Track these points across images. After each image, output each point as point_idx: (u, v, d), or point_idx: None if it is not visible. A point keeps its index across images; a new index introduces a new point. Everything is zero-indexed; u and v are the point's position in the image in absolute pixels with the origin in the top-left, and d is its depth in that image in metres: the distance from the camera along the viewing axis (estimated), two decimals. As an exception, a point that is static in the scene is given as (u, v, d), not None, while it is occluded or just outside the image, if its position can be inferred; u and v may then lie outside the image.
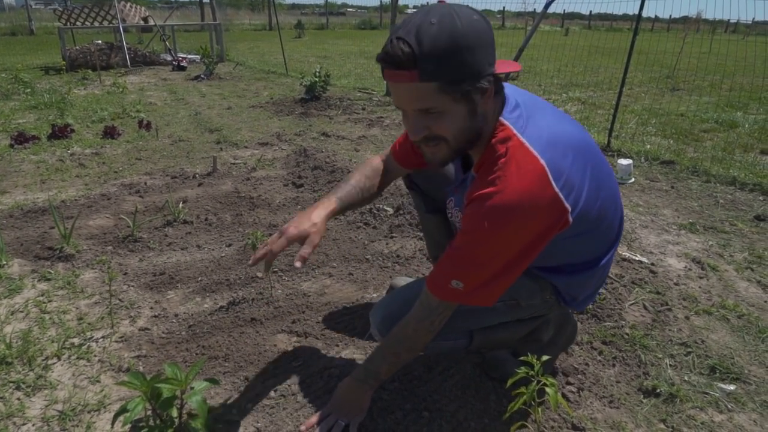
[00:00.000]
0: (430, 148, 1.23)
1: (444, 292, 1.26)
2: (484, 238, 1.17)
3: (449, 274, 1.23)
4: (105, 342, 1.81)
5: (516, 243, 1.18)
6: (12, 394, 1.58)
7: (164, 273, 2.25)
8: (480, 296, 1.24)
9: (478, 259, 1.20)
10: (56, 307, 2.03)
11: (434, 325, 1.33)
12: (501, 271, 1.20)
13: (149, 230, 2.69)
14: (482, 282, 1.22)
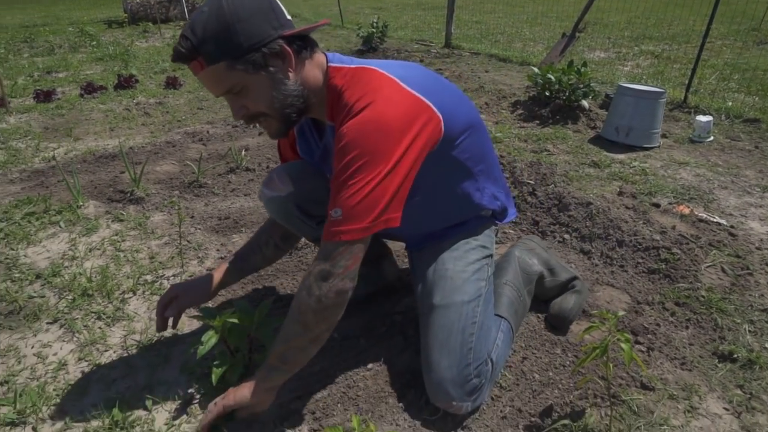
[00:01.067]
0: (261, 126, 1.27)
1: (327, 229, 1.15)
2: (352, 154, 1.11)
3: (329, 208, 1.15)
4: (176, 280, 1.88)
5: (387, 150, 1.12)
6: (94, 323, 1.67)
7: (229, 217, 2.31)
8: (358, 215, 1.12)
9: (351, 177, 1.11)
10: (129, 246, 2.12)
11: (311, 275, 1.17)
12: (377, 182, 1.12)
13: (213, 176, 2.75)
14: (359, 199, 1.11)
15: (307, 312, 1.16)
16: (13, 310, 1.75)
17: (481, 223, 1.51)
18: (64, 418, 1.34)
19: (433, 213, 1.43)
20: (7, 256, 2.06)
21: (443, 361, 1.32)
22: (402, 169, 1.15)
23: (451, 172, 1.37)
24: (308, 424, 1.32)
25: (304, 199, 1.48)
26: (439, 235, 1.48)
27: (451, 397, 1.30)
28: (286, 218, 1.51)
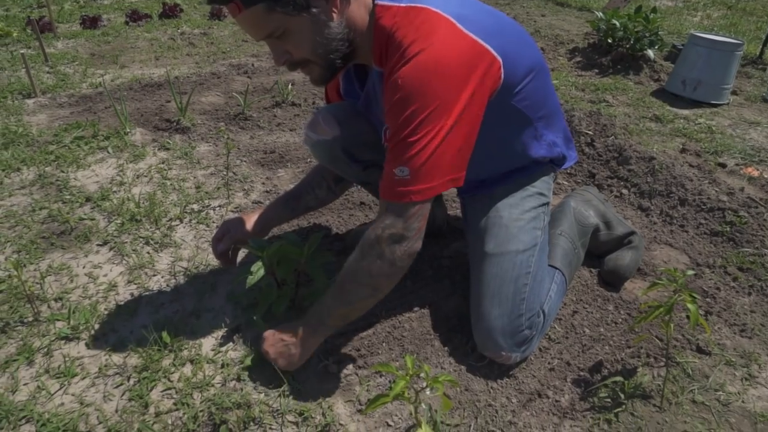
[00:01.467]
0: (303, 72, 1.19)
1: (392, 189, 1.09)
2: (411, 108, 1.03)
3: (391, 166, 1.08)
4: (221, 211, 1.88)
5: (448, 101, 1.04)
6: (142, 248, 1.69)
7: (274, 152, 2.27)
8: (427, 174, 1.07)
9: (414, 132, 1.04)
10: (176, 174, 2.11)
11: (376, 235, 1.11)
12: (443, 138, 1.05)
13: (258, 110, 2.70)
14: (426, 157, 1.05)
15: (380, 276, 1.13)
16: (64, 230, 1.78)
17: (538, 170, 1.42)
18: (115, 336, 1.37)
19: (487, 162, 1.36)
20: (57, 178, 2.08)
21: (494, 311, 1.28)
22: (466, 122, 1.08)
23: (508, 121, 1.28)
24: (353, 362, 1.31)
25: (351, 143, 1.42)
26: (494, 182, 1.40)
27: (501, 347, 1.27)
28: (333, 162, 1.46)
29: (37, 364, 1.30)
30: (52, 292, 1.51)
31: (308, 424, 1.16)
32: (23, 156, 2.25)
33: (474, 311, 1.32)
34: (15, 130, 2.49)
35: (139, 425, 1.14)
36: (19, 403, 1.19)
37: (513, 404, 1.24)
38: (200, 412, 1.17)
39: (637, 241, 1.65)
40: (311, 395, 1.22)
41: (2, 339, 1.36)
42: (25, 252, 1.67)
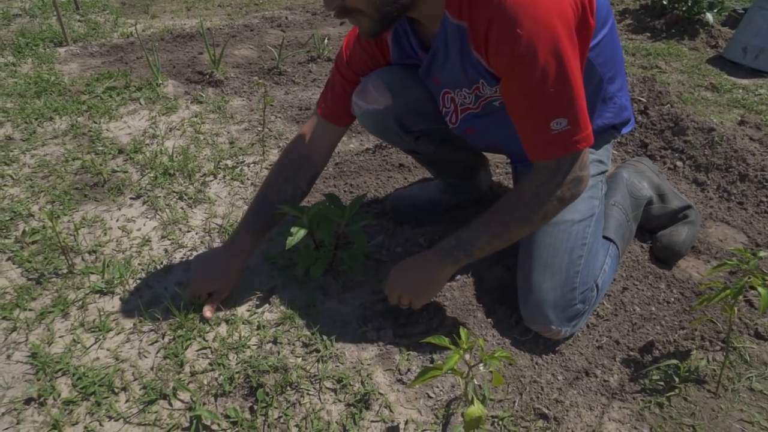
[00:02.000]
0: (351, 22, 1.10)
1: (557, 143, 1.04)
2: (543, 56, 0.95)
3: (542, 122, 1.02)
4: (256, 167, 1.82)
5: (569, 35, 0.98)
6: (176, 203, 1.65)
7: (309, 108, 2.19)
8: (583, 118, 1.03)
9: (558, 80, 0.98)
10: (209, 129, 2.05)
11: (559, 190, 1.09)
12: (577, 77, 1.01)
13: (293, 65, 2.61)
14: (577, 101, 1.01)
15: (552, 216, 1.13)
16: (97, 182, 1.74)
17: (598, 135, 1.31)
18: (149, 292, 1.34)
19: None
20: (90, 129, 2.05)
21: (546, 283, 1.20)
22: (577, 65, 1.00)
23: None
24: (392, 329, 1.26)
25: (404, 113, 1.30)
26: None
27: (550, 320, 1.20)
28: (382, 132, 1.37)
29: (72, 317, 1.28)
30: (86, 244, 1.49)
31: (347, 392, 1.12)
32: (56, 105, 2.21)
33: (523, 283, 1.25)
34: (47, 79, 2.46)
35: (175, 384, 1.12)
36: (55, 356, 1.18)
37: (559, 381, 1.18)
38: (236, 373, 1.14)
39: (694, 216, 1.55)
40: (349, 362, 1.18)
41: (37, 290, 1.34)
42: (58, 203, 1.64)
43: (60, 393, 1.11)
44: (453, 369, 0.85)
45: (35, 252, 1.45)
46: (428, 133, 1.39)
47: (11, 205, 1.63)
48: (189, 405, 1.09)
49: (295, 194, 1.33)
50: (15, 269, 1.41)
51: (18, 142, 1.97)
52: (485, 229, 1.14)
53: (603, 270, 1.30)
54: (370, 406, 1.10)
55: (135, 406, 1.09)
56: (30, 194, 1.68)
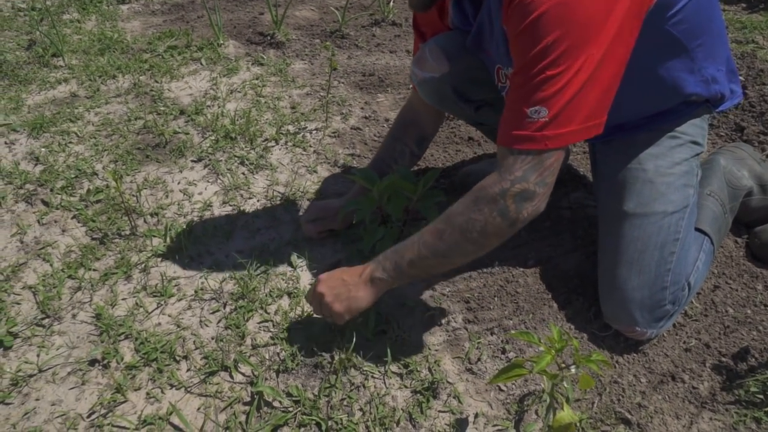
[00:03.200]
0: None
1: (523, 132, 0.87)
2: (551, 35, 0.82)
3: (522, 105, 0.87)
4: (319, 134, 1.75)
5: (597, 26, 0.82)
6: (237, 167, 1.61)
7: (373, 74, 2.10)
8: (570, 116, 0.86)
9: (555, 64, 0.83)
10: (270, 92, 1.99)
11: (503, 199, 0.90)
12: (591, 72, 0.84)
13: (356, 28, 2.51)
14: (571, 95, 0.84)
15: (494, 235, 0.93)
16: (159, 143, 1.72)
17: (691, 111, 1.16)
18: (210, 258, 1.31)
19: (628, 101, 1.13)
20: (152, 88, 2.02)
21: (633, 280, 1.09)
22: (616, 53, 0.86)
23: (659, 49, 1.03)
24: (462, 314, 1.19)
25: (462, 81, 1.22)
26: (635, 126, 1.17)
27: (635, 321, 1.10)
28: (441, 102, 1.28)
29: (135, 279, 1.26)
30: (148, 206, 1.47)
31: (413, 378, 1.06)
32: (119, 63, 2.20)
33: (605, 278, 1.15)
34: (110, 36, 2.45)
35: (236, 356, 1.08)
36: (118, 318, 1.17)
37: (642, 384, 1.08)
38: (299, 349, 1.10)
39: (798, 211, 1.39)
40: (416, 347, 1.12)
41: (101, 250, 1.33)
42: (121, 162, 1.63)
43: (123, 357, 1.09)
44: (544, 371, 0.76)
45: (99, 211, 1.44)
46: (491, 103, 1.29)
47: (76, 163, 1.62)
48: (250, 379, 1.06)
49: (403, 152, 1.35)
50: (80, 228, 1.41)
51: (82, 99, 1.97)
52: (420, 238, 0.98)
53: (696, 267, 1.18)
54: (438, 395, 1.04)
55: (196, 376, 1.06)
56: (94, 152, 1.68)
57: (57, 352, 1.11)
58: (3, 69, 2.14)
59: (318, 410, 1.00)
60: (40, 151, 1.68)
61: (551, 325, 0.82)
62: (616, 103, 1.13)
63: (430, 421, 1.00)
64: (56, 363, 1.09)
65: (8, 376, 1.06)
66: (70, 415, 1.00)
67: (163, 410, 1.01)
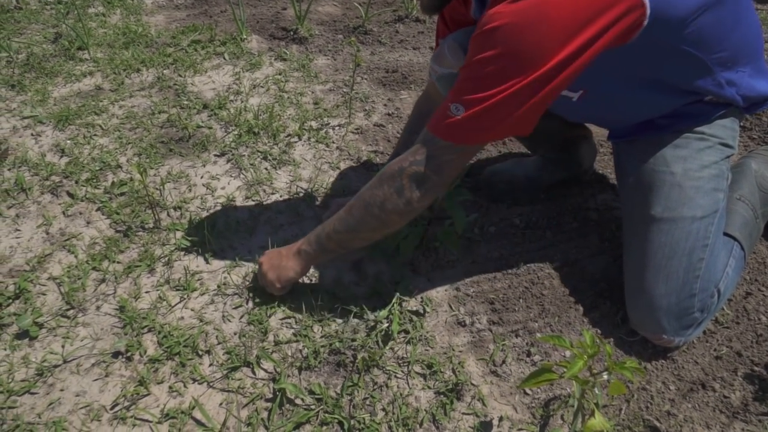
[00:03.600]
0: None
1: (439, 121, 0.95)
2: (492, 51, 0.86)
3: (449, 100, 0.93)
4: (341, 131, 1.74)
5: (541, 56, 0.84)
6: (260, 163, 1.60)
7: (397, 71, 2.08)
8: (484, 122, 0.90)
9: (487, 77, 0.87)
10: (293, 87, 1.99)
11: (401, 177, 0.98)
12: (517, 91, 0.86)
13: (379, 24, 2.49)
14: (490, 106, 0.88)
15: (393, 212, 1.00)
16: (183, 136, 1.72)
17: (717, 112, 1.12)
18: (233, 253, 1.31)
19: (644, 105, 1.10)
20: (175, 82, 2.03)
21: (660, 287, 1.07)
22: (555, 80, 0.86)
23: (671, 63, 1.00)
24: (486, 315, 1.17)
25: None
26: (659, 126, 1.14)
27: (663, 328, 1.07)
28: None
29: (158, 273, 1.26)
30: (171, 200, 1.47)
31: (437, 379, 1.05)
32: (143, 57, 2.21)
33: (632, 283, 1.12)
34: (135, 30, 2.46)
35: (259, 352, 1.08)
36: (141, 311, 1.17)
37: (671, 392, 1.06)
38: (321, 347, 1.09)
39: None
40: (440, 347, 1.11)
41: (125, 243, 1.34)
42: (145, 155, 1.63)
43: (146, 350, 1.10)
44: (576, 378, 0.75)
45: (123, 204, 1.45)
46: None
47: (101, 155, 1.63)
48: (273, 376, 1.05)
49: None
50: (104, 220, 1.41)
51: (107, 93, 1.98)
52: (338, 214, 1.07)
53: (726, 273, 1.14)
54: (462, 397, 1.02)
55: (219, 371, 1.06)
56: (118, 145, 1.69)
57: (81, 343, 1.12)
58: (30, 61, 2.17)
59: (340, 409, 0.99)
60: (65, 143, 1.69)
61: (584, 330, 0.80)
62: (632, 107, 1.11)
63: (454, 423, 0.98)
64: (80, 354, 1.09)
65: (34, 365, 1.07)
66: (94, 406, 1.01)
67: (186, 404, 1.01)
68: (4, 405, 1.00)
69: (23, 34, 2.46)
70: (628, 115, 1.17)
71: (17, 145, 1.70)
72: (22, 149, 1.67)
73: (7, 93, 1.97)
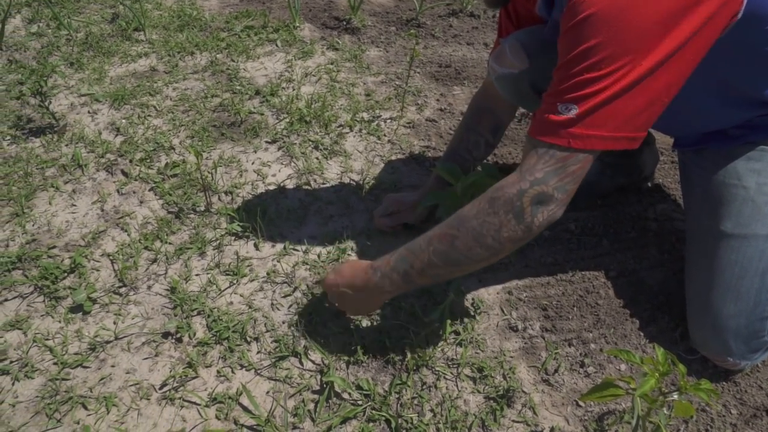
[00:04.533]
0: None
1: (549, 125, 0.83)
2: (596, 38, 0.77)
3: (555, 99, 0.83)
4: (393, 124, 1.72)
5: (651, 37, 0.76)
6: (311, 152, 1.59)
7: (450, 66, 2.04)
8: (600, 120, 0.80)
9: (594, 67, 0.78)
10: (345, 78, 1.97)
11: (519, 200, 0.85)
12: (631, 83, 0.78)
13: (432, 17, 2.45)
14: (603, 99, 0.79)
15: (509, 240, 0.87)
16: (234, 122, 1.73)
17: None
18: (283, 242, 1.30)
19: (716, 113, 1.04)
20: (228, 67, 2.04)
21: (728, 307, 1.01)
22: (671, 70, 0.79)
23: (750, 68, 0.94)
24: (539, 321, 1.13)
25: (541, 77, 1.14)
26: (730, 136, 1.08)
27: (729, 351, 1.02)
28: (518, 98, 1.22)
29: (209, 256, 1.27)
30: (222, 184, 1.48)
31: (486, 384, 1.02)
32: (197, 40, 2.23)
33: (696, 301, 1.07)
34: (190, 14, 2.48)
35: (307, 343, 1.07)
36: (191, 294, 1.18)
37: (732, 416, 1.01)
38: (370, 343, 1.07)
39: None
40: (491, 351, 1.08)
41: (176, 224, 1.35)
42: (197, 138, 1.65)
43: (195, 332, 1.10)
44: (646, 394, 0.71)
45: (175, 186, 1.46)
46: None
47: (154, 136, 1.65)
48: (320, 368, 1.04)
49: (478, 143, 1.30)
50: (157, 200, 1.43)
51: (161, 74, 2.01)
52: (428, 246, 0.92)
53: None
54: (513, 404, 0.99)
55: (267, 359, 1.06)
56: (171, 127, 1.70)
57: (132, 321, 1.13)
58: (88, 40, 2.21)
59: (388, 407, 0.98)
60: (120, 123, 1.72)
61: (656, 347, 0.76)
62: (705, 114, 1.05)
63: (504, 430, 0.96)
64: (131, 332, 1.11)
65: (87, 340, 1.09)
66: (143, 384, 1.02)
67: (233, 390, 1.01)
68: (57, 376, 1.02)
69: (82, 13, 2.51)
70: (698, 124, 1.11)
71: (74, 121, 1.73)
72: (79, 126, 1.71)
73: (66, 70, 2.01)
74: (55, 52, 2.14)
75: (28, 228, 1.34)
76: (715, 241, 1.05)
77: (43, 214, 1.38)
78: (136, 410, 0.98)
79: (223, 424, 0.96)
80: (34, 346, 1.08)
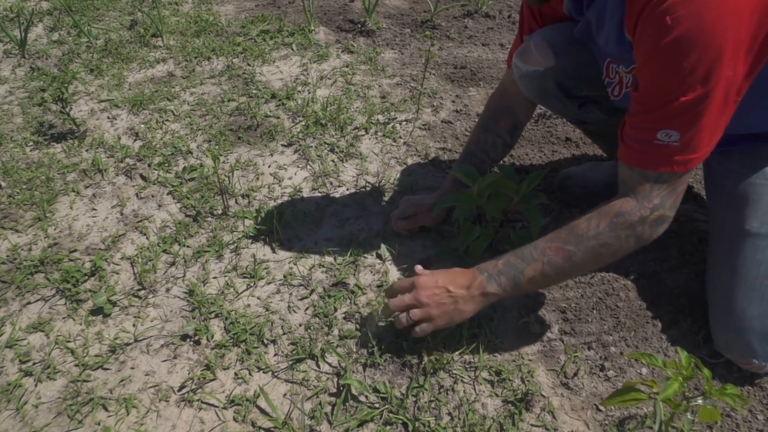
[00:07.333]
0: None
1: (658, 155, 0.87)
2: (689, 58, 0.77)
3: (654, 126, 0.85)
4: (409, 126, 1.72)
5: (737, 45, 0.77)
6: (327, 154, 1.60)
7: (465, 67, 2.03)
8: (698, 142, 0.84)
9: (690, 89, 0.79)
10: (360, 80, 1.98)
11: (641, 226, 0.91)
12: (723, 97, 0.80)
13: (447, 18, 2.45)
14: (701, 121, 0.82)
15: (621, 254, 0.95)
16: (251, 125, 1.74)
17: None
18: (299, 244, 1.31)
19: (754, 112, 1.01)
20: (244, 71, 2.05)
21: (752, 308, 0.99)
22: (750, 71, 0.80)
23: None
24: (558, 324, 1.12)
25: (567, 76, 1.14)
26: (757, 138, 1.05)
27: (754, 353, 1.00)
28: (542, 97, 1.21)
29: (226, 259, 1.28)
30: (239, 187, 1.49)
31: (504, 387, 1.01)
32: (213, 45, 2.25)
33: (720, 302, 1.05)
34: (206, 19, 2.51)
35: (324, 345, 1.07)
36: (209, 296, 1.18)
37: (759, 422, 0.98)
38: (387, 345, 1.07)
39: None
40: (509, 354, 1.07)
41: (194, 227, 1.36)
42: (214, 142, 1.66)
43: (213, 335, 1.11)
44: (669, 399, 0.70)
45: (193, 189, 1.48)
46: (596, 100, 1.20)
47: (172, 140, 1.67)
48: (337, 370, 1.04)
49: (495, 143, 1.29)
50: (174, 204, 1.44)
51: (179, 79, 2.03)
52: (542, 256, 0.96)
53: None
54: (531, 408, 0.98)
55: (284, 361, 1.06)
56: (189, 131, 1.72)
57: (151, 323, 1.14)
58: (108, 47, 2.25)
59: (405, 410, 0.97)
60: (139, 127, 1.74)
61: (679, 350, 0.74)
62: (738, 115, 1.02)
63: (522, 434, 0.95)
64: (150, 334, 1.12)
65: (107, 342, 1.10)
66: (162, 386, 1.02)
67: (251, 392, 1.01)
68: (78, 378, 1.03)
69: (102, 20, 2.55)
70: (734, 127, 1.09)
71: (94, 127, 1.76)
72: (98, 131, 1.73)
73: (86, 77, 2.05)
74: (76, 59, 2.18)
75: (50, 232, 1.36)
76: (740, 240, 1.03)
77: (65, 218, 1.40)
78: (155, 412, 0.99)
79: (241, 426, 0.96)
80: (56, 348, 1.09)
